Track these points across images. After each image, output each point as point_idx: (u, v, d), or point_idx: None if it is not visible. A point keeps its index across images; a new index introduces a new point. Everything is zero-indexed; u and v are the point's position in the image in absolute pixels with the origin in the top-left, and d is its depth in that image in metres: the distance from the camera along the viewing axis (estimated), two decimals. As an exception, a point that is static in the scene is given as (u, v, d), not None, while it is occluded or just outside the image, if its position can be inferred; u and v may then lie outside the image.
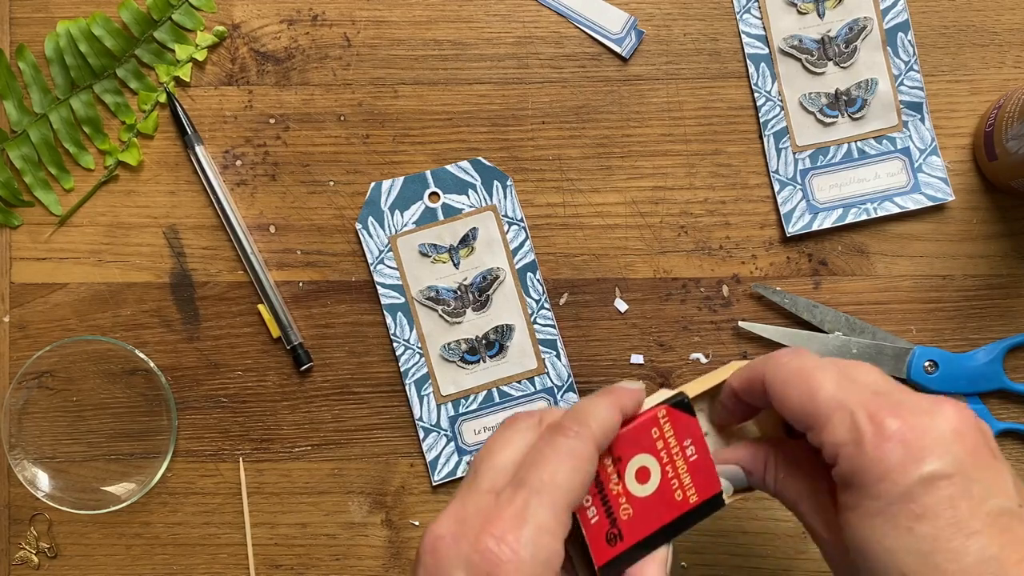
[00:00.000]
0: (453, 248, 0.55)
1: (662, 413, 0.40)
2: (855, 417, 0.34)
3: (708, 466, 0.41)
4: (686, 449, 0.40)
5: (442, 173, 0.55)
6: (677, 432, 0.40)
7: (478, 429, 0.55)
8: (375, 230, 0.55)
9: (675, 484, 0.40)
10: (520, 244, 0.55)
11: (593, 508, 0.39)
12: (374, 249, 0.55)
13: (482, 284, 0.55)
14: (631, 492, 0.39)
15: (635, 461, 0.39)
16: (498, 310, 0.55)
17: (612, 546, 0.39)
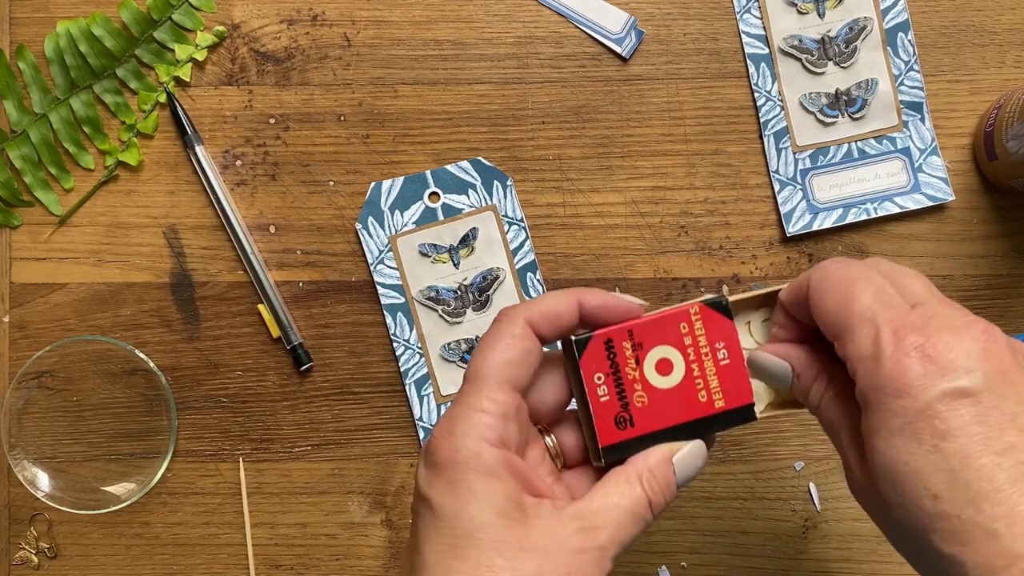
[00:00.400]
0: (453, 248, 0.55)
1: (695, 309, 0.39)
2: (879, 331, 0.32)
3: (741, 374, 0.39)
4: (717, 352, 0.39)
5: (442, 173, 0.55)
6: (709, 332, 0.39)
7: None
8: (375, 230, 0.55)
9: (700, 384, 0.39)
10: (520, 244, 0.55)
11: (604, 387, 0.38)
12: (374, 249, 0.55)
13: (482, 284, 0.55)
14: (648, 381, 0.39)
15: (657, 351, 0.39)
16: (498, 310, 0.55)
17: (621, 429, 0.38)
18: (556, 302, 0.37)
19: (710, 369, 0.39)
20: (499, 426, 0.35)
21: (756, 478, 0.55)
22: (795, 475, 0.55)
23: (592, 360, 0.39)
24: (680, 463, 0.37)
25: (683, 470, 0.37)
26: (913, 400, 0.31)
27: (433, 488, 0.35)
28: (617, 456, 0.38)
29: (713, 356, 0.39)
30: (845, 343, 0.33)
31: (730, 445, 0.55)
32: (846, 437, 0.35)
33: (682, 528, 0.55)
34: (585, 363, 0.38)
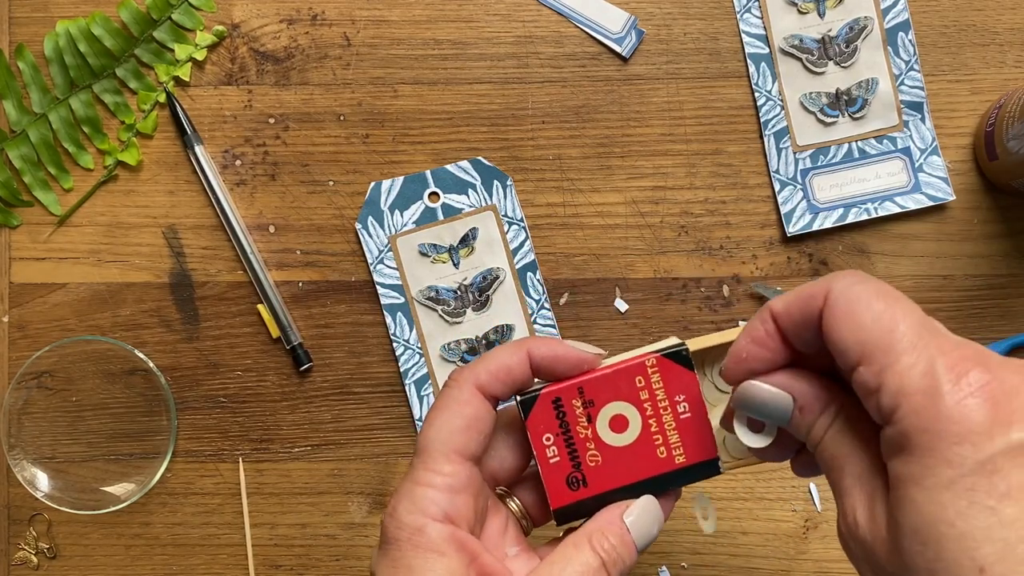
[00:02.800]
0: (453, 248, 0.55)
1: (651, 361, 0.37)
2: (933, 362, 0.27)
3: (703, 427, 0.37)
4: (677, 405, 0.37)
5: (442, 173, 0.55)
6: (668, 385, 0.37)
7: None
8: (375, 230, 0.55)
9: (659, 440, 0.37)
10: (520, 244, 0.55)
11: (554, 448, 0.37)
12: (374, 249, 0.55)
13: (482, 284, 0.55)
14: (602, 439, 0.37)
15: (611, 408, 0.37)
16: (498, 310, 0.55)
17: (573, 490, 0.37)
18: (504, 359, 0.35)
19: (669, 424, 0.37)
20: (444, 500, 0.34)
21: (756, 478, 0.55)
22: (795, 475, 0.55)
23: (540, 420, 0.37)
24: (633, 520, 0.35)
25: (639, 527, 0.35)
26: (974, 449, 0.26)
27: (379, 568, 0.34)
28: (571, 519, 0.37)
29: (673, 410, 0.37)
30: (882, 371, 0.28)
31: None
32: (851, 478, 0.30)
33: (682, 528, 0.55)
34: (532, 424, 0.37)
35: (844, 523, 0.30)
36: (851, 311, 0.29)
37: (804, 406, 0.32)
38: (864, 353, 0.28)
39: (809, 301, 0.30)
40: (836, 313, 0.29)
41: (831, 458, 0.31)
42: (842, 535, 0.30)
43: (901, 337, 0.28)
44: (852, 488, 0.30)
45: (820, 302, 0.30)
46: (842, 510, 0.30)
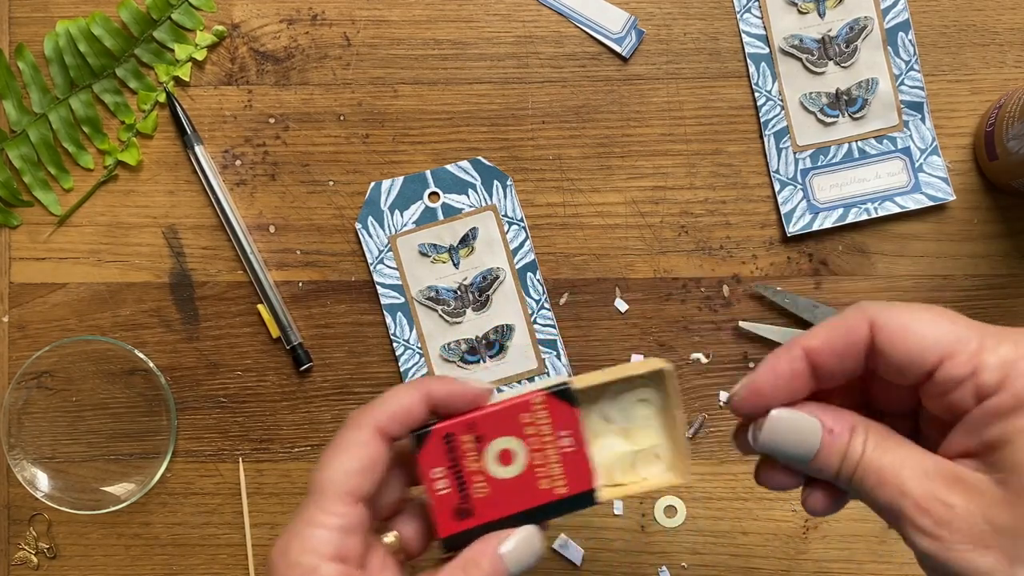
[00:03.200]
0: (453, 248, 0.55)
1: (538, 399, 0.38)
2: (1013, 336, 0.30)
3: (583, 460, 0.39)
4: (561, 439, 0.39)
5: (442, 173, 0.55)
6: (554, 420, 0.39)
7: None
8: (375, 230, 0.55)
9: (542, 472, 0.39)
10: (520, 244, 0.55)
11: (445, 480, 0.38)
12: (374, 249, 0.55)
13: (482, 284, 0.55)
14: (489, 472, 0.39)
15: (499, 442, 0.39)
16: (498, 310, 0.55)
17: (460, 520, 0.38)
18: (403, 399, 0.36)
19: (553, 457, 0.39)
20: (337, 540, 0.34)
21: (756, 478, 0.55)
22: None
23: (431, 454, 0.38)
24: (509, 550, 0.36)
25: (513, 557, 0.36)
26: None
27: None
28: (458, 547, 0.38)
29: (556, 443, 0.39)
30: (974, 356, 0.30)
31: (731, 446, 0.55)
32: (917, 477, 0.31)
33: (682, 528, 0.55)
34: (423, 458, 0.38)
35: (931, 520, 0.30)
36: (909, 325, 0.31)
37: (831, 428, 0.32)
38: (945, 351, 0.30)
39: (851, 332, 0.32)
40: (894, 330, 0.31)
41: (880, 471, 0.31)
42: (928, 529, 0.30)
43: (967, 329, 0.31)
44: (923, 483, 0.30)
45: (865, 330, 0.32)
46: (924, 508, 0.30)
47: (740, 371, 0.55)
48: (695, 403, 0.55)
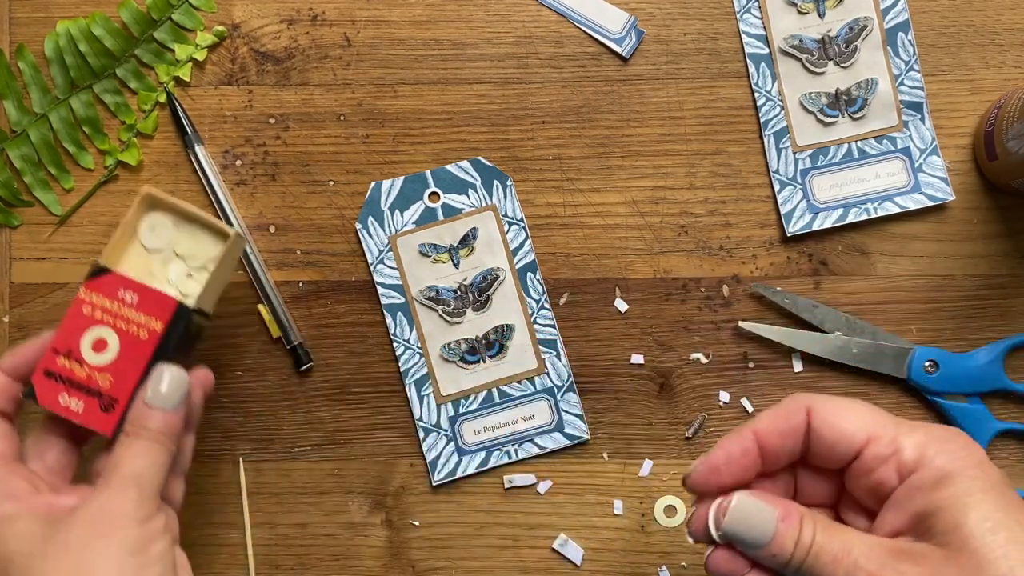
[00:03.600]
0: (453, 248, 0.55)
1: (83, 291, 0.45)
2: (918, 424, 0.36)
3: (155, 296, 0.45)
4: (123, 298, 0.45)
5: (442, 173, 0.55)
6: (106, 294, 0.45)
7: (478, 429, 0.55)
8: (375, 230, 0.55)
9: (134, 330, 0.44)
10: (520, 244, 0.55)
11: (72, 400, 0.44)
12: (374, 249, 0.55)
13: (482, 284, 0.55)
14: (98, 364, 0.44)
15: (84, 341, 0.44)
16: (498, 310, 0.55)
17: (111, 413, 0.44)
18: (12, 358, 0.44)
19: (130, 314, 0.44)
20: None
21: (756, 478, 0.55)
22: None
23: (47, 393, 0.44)
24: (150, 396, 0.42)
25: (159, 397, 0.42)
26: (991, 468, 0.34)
27: None
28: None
29: (123, 303, 0.44)
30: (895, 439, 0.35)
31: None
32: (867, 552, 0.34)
33: (682, 528, 0.55)
34: (45, 400, 0.44)
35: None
36: (840, 411, 0.36)
37: (787, 516, 0.35)
38: (871, 433, 0.35)
39: (791, 416, 0.37)
40: (828, 413, 0.36)
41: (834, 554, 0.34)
42: None
43: (885, 418, 0.36)
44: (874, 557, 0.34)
45: (803, 415, 0.37)
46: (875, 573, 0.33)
47: (740, 371, 0.55)
48: (695, 403, 0.55)
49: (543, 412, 0.55)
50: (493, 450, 0.55)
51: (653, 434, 0.55)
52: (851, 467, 0.36)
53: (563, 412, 0.55)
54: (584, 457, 0.55)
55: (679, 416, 0.55)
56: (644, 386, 0.55)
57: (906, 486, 0.34)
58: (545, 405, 0.55)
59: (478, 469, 0.54)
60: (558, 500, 0.55)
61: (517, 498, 0.55)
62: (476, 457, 0.54)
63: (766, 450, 0.37)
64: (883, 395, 0.55)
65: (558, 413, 0.55)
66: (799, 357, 0.55)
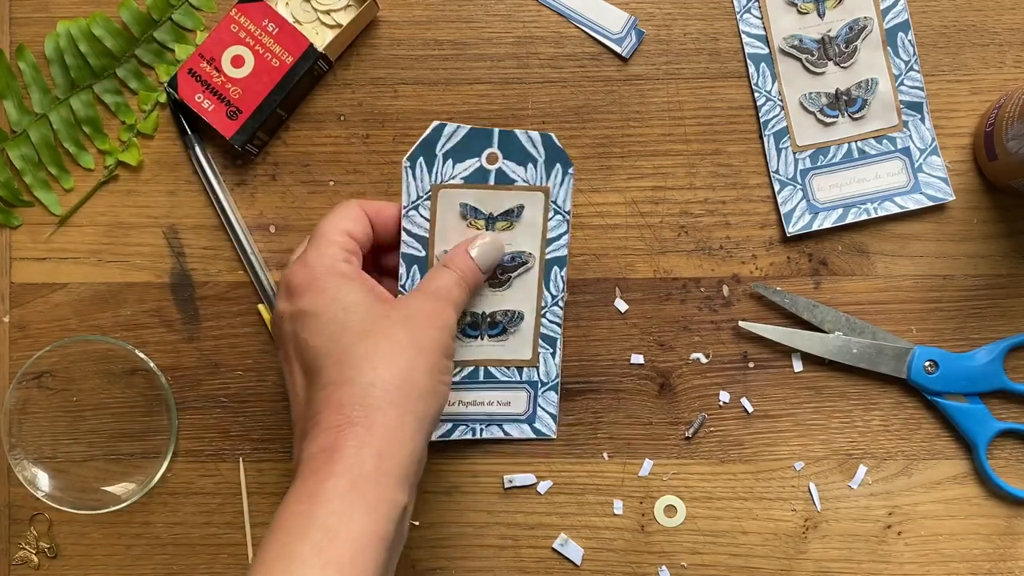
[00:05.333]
0: (492, 218, 0.51)
1: (234, 11, 0.54)
2: None
3: (291, 31, 0.54)
4: (266, 27, 0.54)
5: (509, 137, 0.50)
6: (254, 19, 0.54)
7: (453, 401, 0.54)
8: (421, 172, 0.50)
9: (268, 56, 0.54)
10: (558, 236, 0.52)
11: (206, 101, 0.54)
12: (413, 192, 0.50)
13: (508, 264, 0.52)
14: (233, 77, 0.54)
15: (226, 54, 0.54)
16: (514, 294, 0.53)
17: (235, 120, 0.54)
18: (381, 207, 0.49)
19: (269, 42, 0.54)
20: (345, 254, 0.45)
21: (756, 478, 0.55)
22: (795, 475, 0.55)
23: (188, 89, 0.54)
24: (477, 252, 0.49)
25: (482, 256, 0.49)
26: None
27: (302, 302, 0.44)
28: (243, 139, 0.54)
29: (265, 32, 0.54)
30: None
31: (731, 445, 0.55)
32: None
33: (682, 528, 0.55)
34: (184, 94, 0.54)
35: None
36: None
37: None
38: None
39: None
40: None
41: None
42: None
43: None
44: None
45: None
46: None
47: (740, 371, 0.55)
48: (695, 403, 0.55)
49: (520, 402, 0.54)
50: (460, 424, 0.54)
51: (653, 434, 0.55)
52: None
53: (539, 407, 0.55)
54: (584, 457, 0.55)
55: (679, 416, 0.55)
56: (644, 386, 0.55)
57: None
58: (524, 396, 0.54)
59: (438, 438, 0.54)
60: (558, 500, 0.55)
61: (517, 498, 0.55)
62: (442, 427, 0.54)
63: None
64: (883, 395, 0.55)
65: (534, 407, 0.55)
66: (799, 357, 0.55)
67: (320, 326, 0.43)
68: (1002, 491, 0.54)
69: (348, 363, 0.42)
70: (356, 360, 0.42)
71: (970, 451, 0.55)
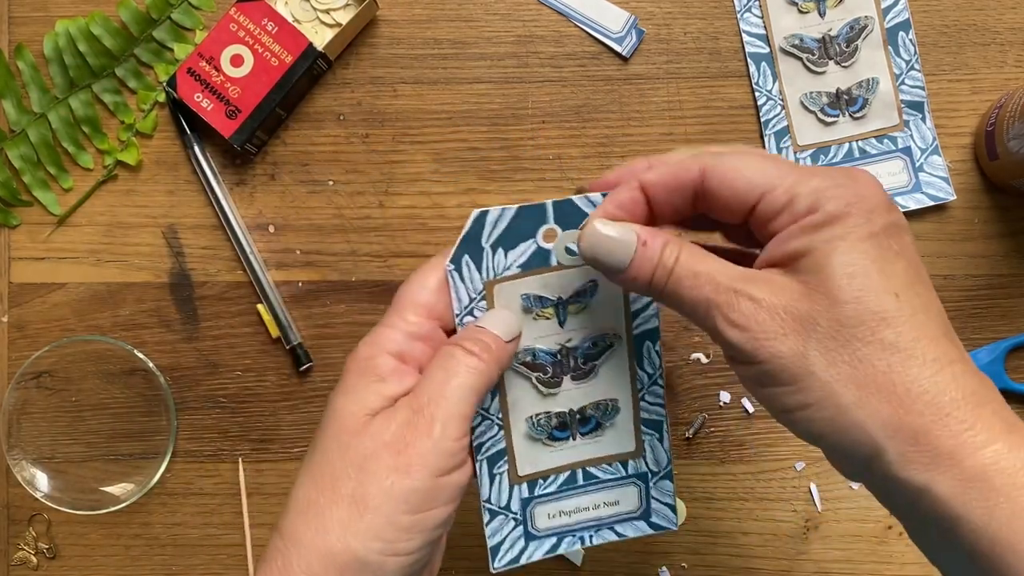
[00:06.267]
0: (561, 302, 0.42)
1: (233, 10, 0.54)
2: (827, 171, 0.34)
3: (290, 31, 0.54)
4: (265, 26, 0.54)
5: (566, 207, 0.40)
6: (253, 18, 0.54)
7: (553, 513, 0.45)
8: (469, 272, 0.41)
9: (268, 56, 0.54)
10: (644, 306, 0.43)
11: (205, 100, 0.54)
12: (464, 297, 0.41)
13: (589, 351, 0.43)
14: (233, 76, 0.54)
15: (225, 54, 0.54)
16: (603, 383, 0.44)
17: (234, 119, 0.54)
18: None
19: (268, 41, 0.54)
20: (401, 341, 0.38)
21: (757, 478, 0.55)
22: (796, 475, 0.55)
23: (186, 87, 0.54)
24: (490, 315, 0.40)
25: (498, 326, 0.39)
26: (881, 217, 0.33)
27: (334, 392, 0.38)
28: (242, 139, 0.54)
29: (264, 31, 0.54)
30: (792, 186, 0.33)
31: (731, 446, 0.55)
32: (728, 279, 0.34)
33: (683, 529, 0.55)
34: (183, 92, 0.54)
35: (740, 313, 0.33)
36: (736, 167, 0.35)
37: (647, 240, 0.36)
38: (766, 187, 0.34)
39: (684, 172, 0.36)
40: (723, 172, 0.35)
41: (694, 276, 0.35)
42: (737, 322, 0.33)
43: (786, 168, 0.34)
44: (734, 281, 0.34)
45: (695, 172, 0.35)
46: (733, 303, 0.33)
47: (740, 371, 0.55)
48: (695, 403, 0.55)
49: (630, 498, 0.45)
50: (566, 535, 0.45)
51: (653, 434, 0.55)
52: (751, 222, 0.35)
53: (653, 500, 0.45)
54: (584, 457, 0.55)
55: (679, 416, 0.55)
56: (644, 386, 0.55)
57: (793, 227, 0.33)
58: (634, 491, 0.46)
59: (546, 555, 0.45)
60: (558, 500, 0.55)
61: (517, 498, 0.55)
62: (545, 543, 0.45)
63: (654, 201, 0.37)
64: (884, 395, 0.55)
65: (647, 501, 0.45)
66: (800, 357, 0.55)
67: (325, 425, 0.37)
68: (1003, 491, 0.54)
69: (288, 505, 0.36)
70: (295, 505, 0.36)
71: (971, 451, 0.54)
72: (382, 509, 0.35)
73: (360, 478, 0.35)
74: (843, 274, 0.32)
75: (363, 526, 0.34)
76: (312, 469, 0.36)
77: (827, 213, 0.33)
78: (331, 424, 0.37)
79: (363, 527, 0.34)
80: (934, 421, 0.30)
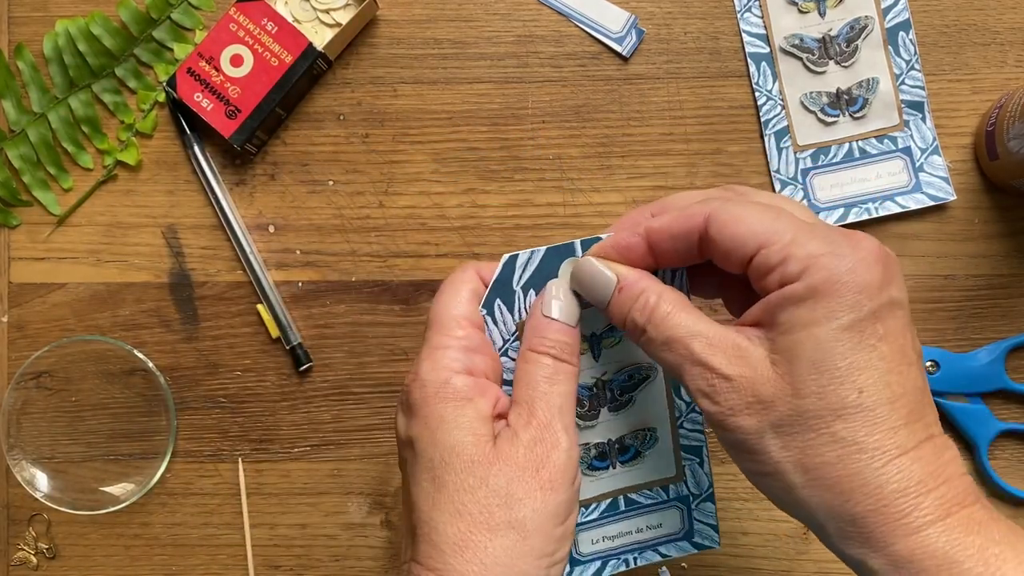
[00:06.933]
0: (595, 336, 0.43)
1: (233, 10, 0.54)
2: (830, 235, 0.34)
3: (291, 31, 0.54)
4: (265, 26, 0.54)
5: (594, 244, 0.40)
6: (253, 18, 0.54)
7: (596, 539, 0.45)
8: (502, 315, 0.41)
9: (267, 55, 0.54)
10: None
11: (205, 100, 0.54)
12: (498, 339, 0.41)
13: (625, 384, 0.44)
14: (232, 76, 0.54)
15: (225, 54, 0.53)
16: (640, 412, 0.44)
17: (234, 119, 0.54)
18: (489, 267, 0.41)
19: (268, 41, 0.53)
20: (463, 357, 0.38)
21: (757, 478, 0.55)
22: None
23: (186, 87, 0.54)
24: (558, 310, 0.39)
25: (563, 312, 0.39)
26: (869, 300, 0.32)
27: (411, 429, 0.37)
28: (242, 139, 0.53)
29: (264, 31, 0.53)
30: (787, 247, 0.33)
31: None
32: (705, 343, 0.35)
33: (682, 529, 0.55)
34: (183, 92, 0.54)
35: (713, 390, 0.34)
36: (738, 217, 0.35)
37: (624, 287, 0.37)
38: (763, 241, 0.34)
39: (688, 220, 0.36)
40: (724, 221, 0.35)
41: (671, 335, 0.35)
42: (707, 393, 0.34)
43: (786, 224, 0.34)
44: (709, 354, 0.35)
45: (700, 220, 0.36)
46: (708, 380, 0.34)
47: (740, 371, 0.55)
48: (695, 403, 0.55)
49: (672, 520, 0.46)
50: (611, 558, 0.45)
51: (653, 434, 0.55)
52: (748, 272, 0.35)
53: (695, 521, 0.46)
54: (584, 457, 0.55)
55: (679, 416, 0.55)
56: (644, 386, 0.55)
57: (779, 293, 0.33)
58: (676, 513, 0.46)
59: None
60: (558, 500, 0.55)
61: (517, 498, 0.55)
62: (590, 567, 0.45)
63: (656, 248, 0.37)
64: (884, 395, 0.55)
65: (689, 523, 0.46)
66: (800, 357, 0.55)
67: (420, 471, 0.37)
68: (1003, 491, 0.54)
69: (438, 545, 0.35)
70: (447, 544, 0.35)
71: (971, 451, 0.54)
72: (540, 528, 0.36)
73: (510, 504, 0.36)
74: (810, 369, 0.32)
75: (526, 548, 0.36)
76: (451, 507, 0.36)
77: (813, 287, 0.33)
78: (455, 459, 0.36)
79: (527, 549, 0.36)
80: (872, 510, 0.32)
